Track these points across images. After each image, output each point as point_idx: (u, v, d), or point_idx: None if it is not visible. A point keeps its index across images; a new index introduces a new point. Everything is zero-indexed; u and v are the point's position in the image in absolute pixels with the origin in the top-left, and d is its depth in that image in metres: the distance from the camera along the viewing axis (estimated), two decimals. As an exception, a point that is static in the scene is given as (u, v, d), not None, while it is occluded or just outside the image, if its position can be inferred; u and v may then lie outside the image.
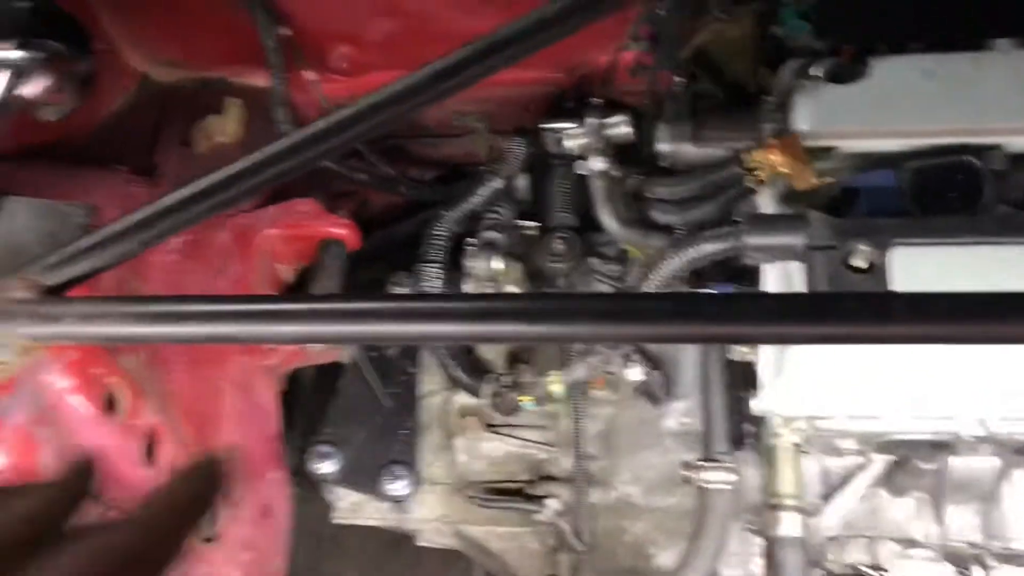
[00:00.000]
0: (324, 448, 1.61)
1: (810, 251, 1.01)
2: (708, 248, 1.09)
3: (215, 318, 0.86)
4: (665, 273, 1.12)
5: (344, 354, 1.77)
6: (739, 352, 1.26)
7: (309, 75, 2.01)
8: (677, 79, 1.59)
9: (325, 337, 0.86)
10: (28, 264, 0.93)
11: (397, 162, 2.24)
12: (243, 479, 1.55)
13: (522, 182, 1.79)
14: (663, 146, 1.38)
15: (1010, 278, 0.84)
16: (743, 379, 1.38)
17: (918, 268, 0.97)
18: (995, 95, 1.09)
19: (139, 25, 2.14)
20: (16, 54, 0.99)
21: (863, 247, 0.97)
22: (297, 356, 1.60)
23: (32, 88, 1.01)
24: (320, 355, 1.61)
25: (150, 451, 1.23)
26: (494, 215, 1.65)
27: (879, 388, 1.16)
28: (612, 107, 1.59)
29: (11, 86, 0.99)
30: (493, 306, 0.85)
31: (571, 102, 2.01)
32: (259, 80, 2.17)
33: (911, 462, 1.42)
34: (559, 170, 1.76)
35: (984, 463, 1.37)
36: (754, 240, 1.03)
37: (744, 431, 1.38)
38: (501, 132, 2.26)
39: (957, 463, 1.40)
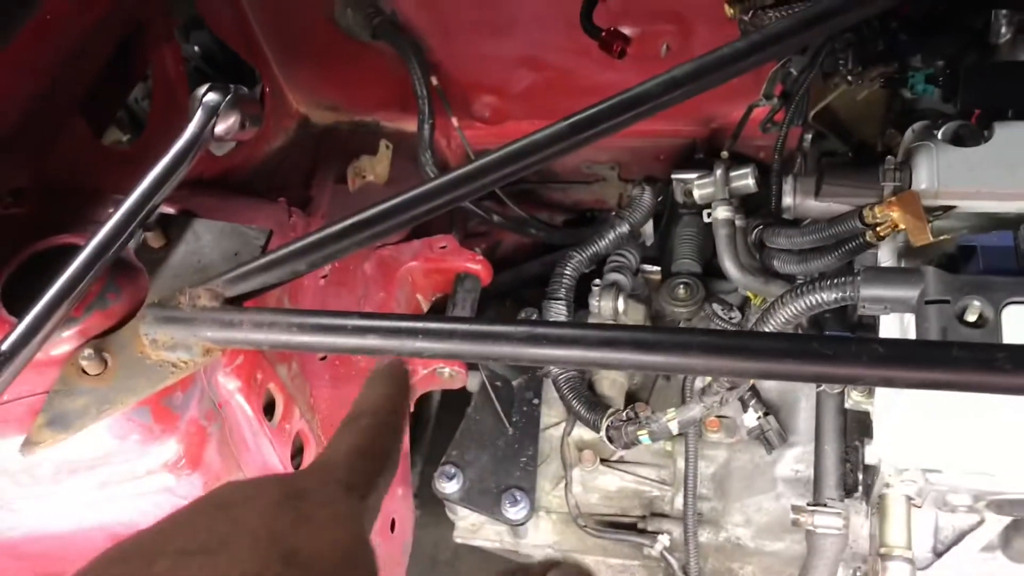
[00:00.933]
0: (449, 469, 1.71)
1: (923, 304, 1.05)
2: (824, 296, 1.14)
3: (364, 332, 0.98)
4: (781, 318, 1.18)
5: (472, 382, 1.89)
6: (854, 400, 1.30)
7: (454, 122, 2.16)
8: (806, 136, 1.65)
9: (456, 354, 0.95)
10: (212, 278, 1.08)
11: (528, 205, 2.36)
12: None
13: (648, 229, 1.87)
14: (788, 199, 1.43)
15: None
16: (857, 428, 1.41)
17: (1029, 326, 1.00)
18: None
19: (302, 71, 2.34)
20: (213, 96, 1.14)
21: (976, 302, 1.01)
22: (429, 381, 1.71)
23: (223, 127, 1.15)
24: (449, 381, 1.72)
25: (297, 455, 1.36)
26: (620, 258, 1.73)
27: (994, 445, 1.17)
28: (740, 160, 1.66)
29: (210, 124, 1.13)
30: (610, 335, 0.94)
31: (701, 154, 2.09)
32: (407, 125, 2.35)
33: (1027, 525, 1.42)
34: (685, 218, 1.84)
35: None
36: (870, 291, 1.08)
37: (856, 479, 1.40)
38: (630, 180, 2.36)
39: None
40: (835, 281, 1.13)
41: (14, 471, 1.04)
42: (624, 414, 1.50)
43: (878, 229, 1.16)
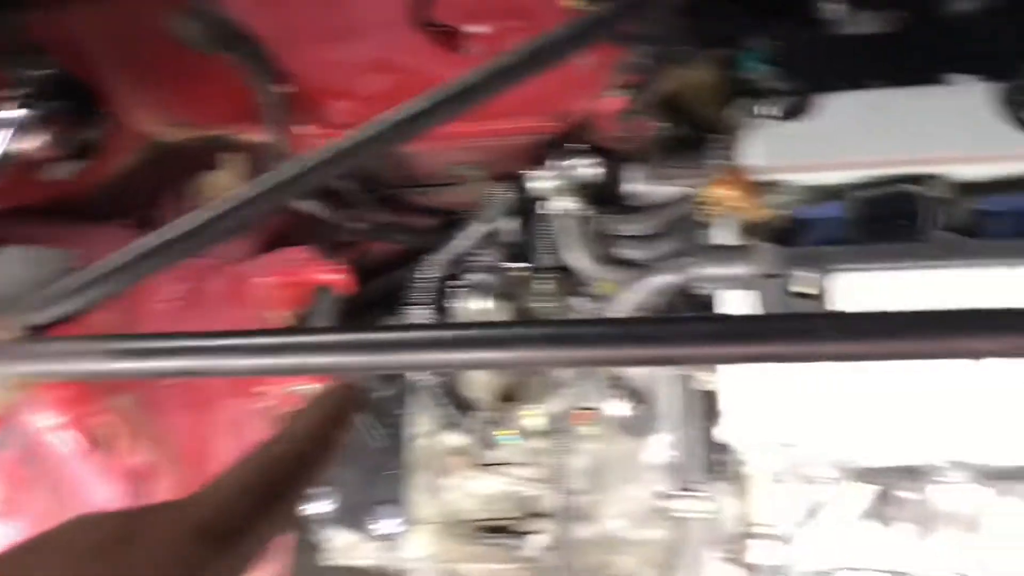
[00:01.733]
0: (319, 489, 1.65)
1: (757, 279, 1.05)
2: (663, 280, 1.13)
3: (190, 353, 0.92)
4: (624, 305, 1.16)
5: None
6: (702, 381, 1.29)
7: (310, 129, 2.10)
8: (660, 125, 1.65)
9: (271, 369, 0.91)
10: (13, 307, 1.00)
11: (396, 211, 2.31)
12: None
13: (511, 226, 1.84)
14: (633, 186, 1.43)
15: (946, 300, 0.87)
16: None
17: (858, 293, 1.01)
18: (936, 126, 1.13)
19: (146, 90, 2.24)
20: (17, 113, 1.07)
21: (803, 274, 1.01)
22: (288, 401, 1.65)
23: (30, 143, 1.08)
24: (312, 398, 1.66)
25: (142, 490, 1.28)
26: (481, 258, 1.70)
27: (840, 416, 1.19)
28: (595, 152, 1.65)
29: (11, 141, 1.06)
30: (432, 335, 0.90)
31: (552, 149, 2.08)
32: (262, 136, 2.27)
33: (892, 492, 1.45)
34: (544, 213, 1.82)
35: (966, 492, 1.39)
36: (705, 271, 1.07)
37: (720, 460, 1.40)
38: (498, 180, 2.33)
39: (939, 493, 1.42)
40: (675, 263, 1.12)
41: None
42: (492, 416, 1.47)
43: (714, 208, 1.15)
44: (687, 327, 0.84)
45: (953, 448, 1.23)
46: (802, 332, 0.84)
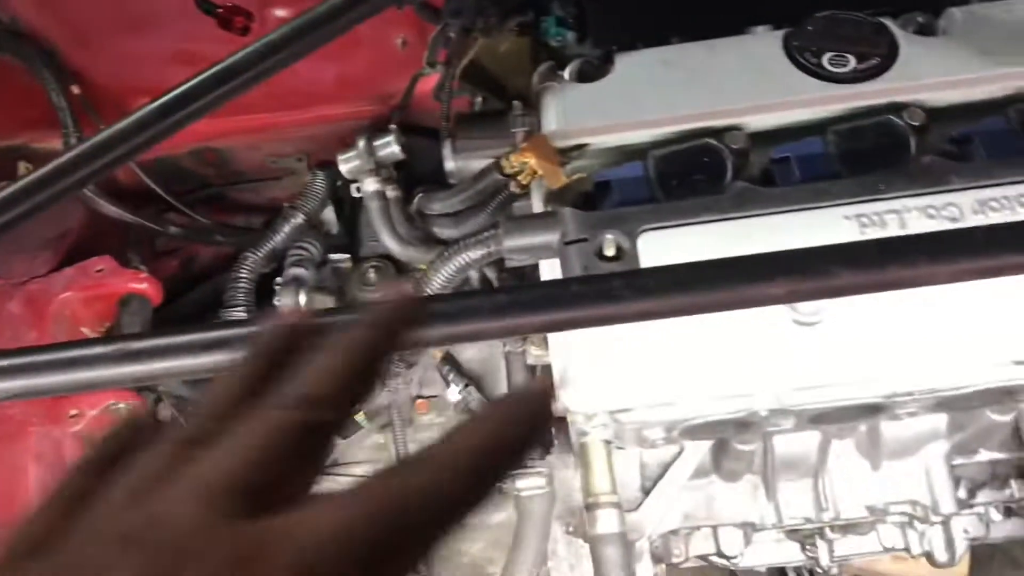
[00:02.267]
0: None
1: (565, 246, 1.02)
2: (471, 255, 1.09)
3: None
4: (437, 284, 1.12)
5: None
6: (534, 355, 1.27)
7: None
8: (476, 100, 1.62)
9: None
10: None
11: (221, 211, 2.20)
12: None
13: (331, 215, 1.78)
14: (449, 163, 1.39)
15: (747, 249, 0.86)
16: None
17: (664, 251, 1.00)
18: (731, 79, 1.13)
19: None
20: None
21: (610, 235, 0.99)
22: (104, 420, 1.54)
23: None
24: (131, 416, 1.56)
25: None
26: (300, 251, 1.63)
27: (664, 373, 1.18)
28: (405, 130, 1.60)
29: None
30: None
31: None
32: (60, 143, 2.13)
33: (731, 445, 1.46)
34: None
35: (802, 438, 1.42)
36: (511, 242, 1.04)
37: (553, 434, 1.38)
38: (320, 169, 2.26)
39: (777, 442, 1.44)
40: (479, 238, 1.09)
41: None
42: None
43: (519, 178, 1.12)
44: (477, 302, 0.81)
45: (772, 395, 1.24)
46: (601, 293, 0.81)
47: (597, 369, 1.19)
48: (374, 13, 1.10)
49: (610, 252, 1.00)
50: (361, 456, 1.62)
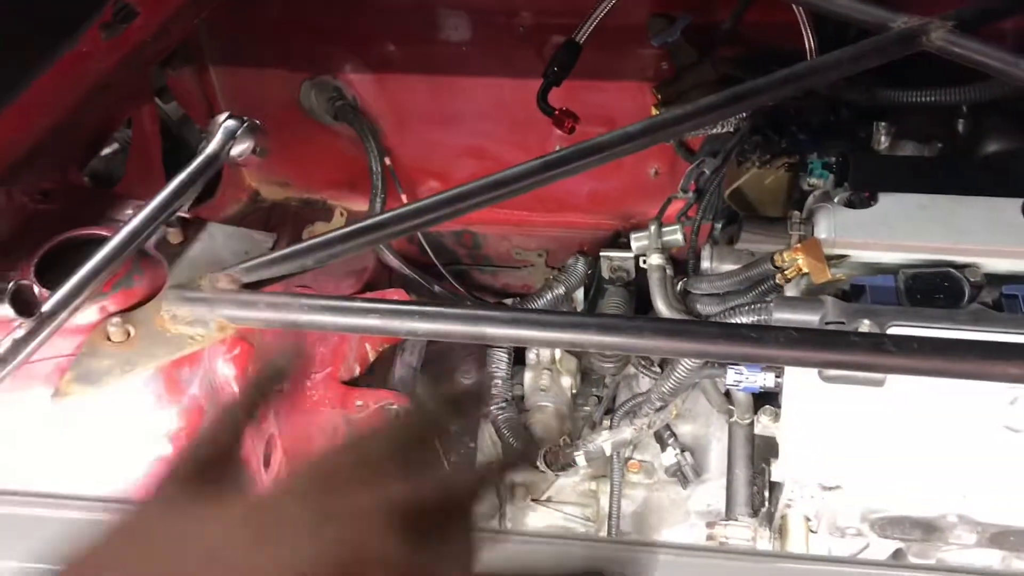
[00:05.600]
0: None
1: (824, 326, 1.28)
2: (743, 319, 1.36)
3: (367, 313, 1.15)
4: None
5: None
6: (763, 425, 1.51)
7: (403, 199, 2.37)
8: (716, 225, 1.92)
9: (448, 333, 1.13)
10: (228, 268, 1.23)
11: (461, 284, 2.56)
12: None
13: (579, 295, 2.09)
14: (706, 263, 1.68)
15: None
16: (764, 455, 1.62)
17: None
18: (975, 227, 1.39)
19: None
20: (232, 122, 1.33)
21: (866, 322, 1.25)
22: (380, 414, 1.86)
23: (238, 149, 1.33)
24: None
25: (267, 459, 1.47)
26: (555, 314, 1.94)
27: (882, 461, 1.40)
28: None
29: (227, 146, 1.31)
30: (578, 320, 1.13)
31: (625, 239, 2.35)
32: (354, 204, 2.56)
33: (907, 557, 1.64)
34: (610, 290, 2.08)
35: (978, 556, 1.57)
36: (780, 315, 1.31)
37: (762, 499, 1.60)
38: (555, 267, 2.59)
39: (951, 558, 1.60)
40: (752, 306, 1.36)
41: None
42: (561, 440, 1.67)
43: (786, 271, 1.40)
44: (781, 333, 1.08)
45: (962, 502, 1.43)
46: (873, 345, 1.07)
47: (821, 445, 1.42)
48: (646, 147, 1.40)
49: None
50: (573, 498, 1.86)
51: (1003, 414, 1.30)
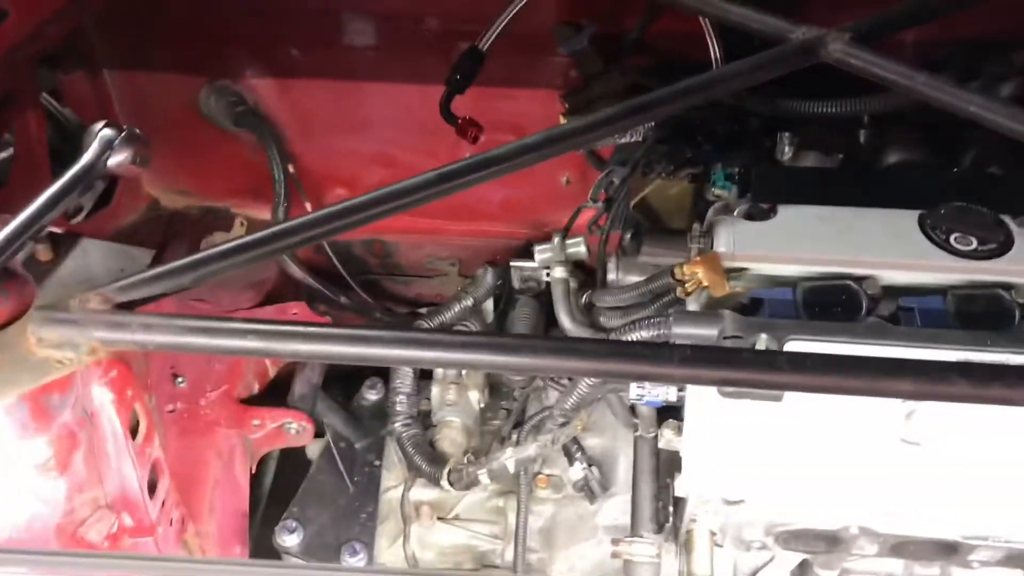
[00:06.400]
0: (291, 523, 1.77)
1: (722, 340, 1.27)
2: (643, 334, 1.34)
3: (245, 334, 1.08)
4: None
5: (312, 449, 1.97)
6: (667, 439, 1.49)
7: (308, 207, 2.30)
8: (625, 235, 1.91)
9: (330, 355, 1.08)
10: (101, 286, 1.16)
11: (372, 294, 2.50)
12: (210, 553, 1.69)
13: (489, 307, 2.05)
14: (612, 275, 1.66)
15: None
16: (669, 469, 1.60)
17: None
18: (873, 239, 1.40)
19: (158, 156, 2.42)
20: (108, 132, 1.26)
21: (764, 336, 1.23)
22: (275, 437, 1.79)
23: (115, 160, 1.25)
24: (296, 438, 1.80)
25: (153, 484, 1.40)
26: (463, 327, 1.90)
27: (783, 476, 1.39)
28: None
29: (103, 157, 1.24)
30: (470, 340, 1.10)
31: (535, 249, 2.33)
32: (257, 212, 2.48)
33: (813, 570, 1.64)
34: (520, 300, 2.05)
35: (881, 565, 1.58)
36: (679, 329, 1.28)
37: (667, 515, 1.58)
38: (468, 276, 2.55)
39: (856, 567, 1.61)
40: (652, 320, 1.34)
41: None
42: (465, 458, 1.63)
43: (686, 284, 1.38)
44: (675, 351, 1.05)
45: (865, 515, 1.43)
46: (767, 363, 1.05)
47: (722, 460, 1.41)
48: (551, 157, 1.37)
49: (761, 348, 1.24)
50: (481, 515, 1.82)
51: (900, 427, 1.30)
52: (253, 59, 2.22)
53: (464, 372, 1.82)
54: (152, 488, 1.40)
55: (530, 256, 2.24)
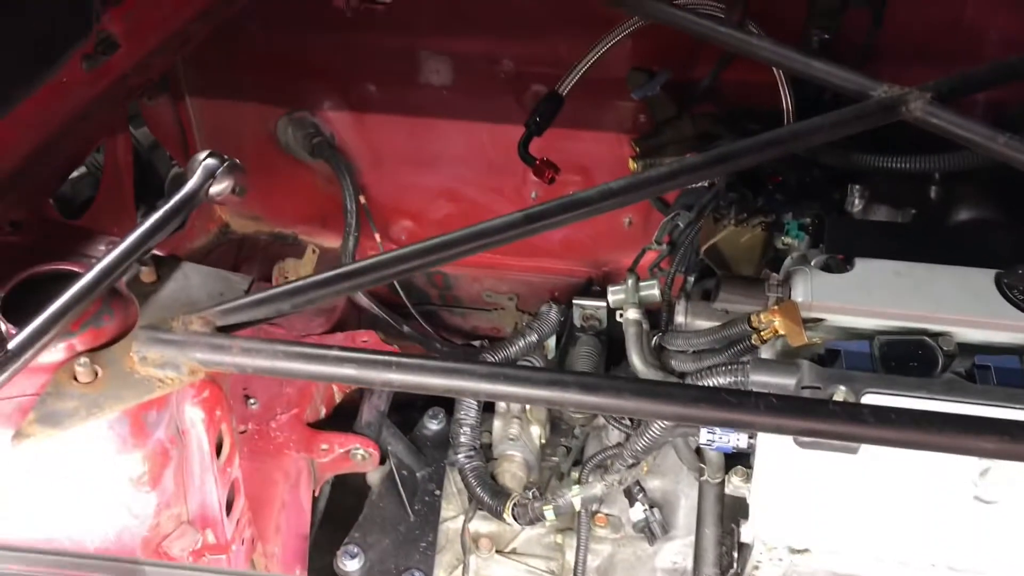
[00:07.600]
0: (352, 548, 1.80)
1: (800, 390, 1.28)
2: (719, 380, 1.36)
3: (342, 362, 1.12)
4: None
5: (372, 476, 2.00)
6: (734, 485, 1.50)
7: (377, 238, 2.35)
8: (688, 278, 1.93)
9: (424, 386, 1.11)
10: (202, 309, 1.21)
11: (431, 325, 2.54)
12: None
13: (551, 343, 2.08)
14: (680, 318, 1.68)
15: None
16: (734, 515, 1.61)
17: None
18: (949, 296, 1.41)
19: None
20: (212, 161, 1.31)
21: (842, 387, 1.25)
22: (342, 462, 1.83)
23: (217, 188, 1.30)
24: (361, 464, 1.84)
25: (230, 503, 1.44)
26: (527, 363, 1.92)
27: (853, 527, 1.40)
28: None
29: (206, 185, 1.29)
30: (557, 377, 1.12)
31: (598, 287, 2.35)
32: (325, 240, 2.53)
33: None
34: (582, 338, 2.08)
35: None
36: (757, 377, 1.31)
37: (731, 560, 1.59)
38: (526, 311, 2.58)
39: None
40: (729, 367, 1.36)
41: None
42: (530, 493, 1.65)
43: (762, 332, 1.40)
44: (761, 399, 1.07)
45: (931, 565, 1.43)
46: (852, 415, 1.07)
47: (792, 508, 1.42)
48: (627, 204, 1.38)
49: (839, 400, 1.25)
50: (539, 551, 1.84)
51: (974, 485, 1.31)
52: (331, 92, 2.29)
53: (527, 408, 1.85)
54: (229, 506, 1.44)
55: (591, 294, 2.28)
